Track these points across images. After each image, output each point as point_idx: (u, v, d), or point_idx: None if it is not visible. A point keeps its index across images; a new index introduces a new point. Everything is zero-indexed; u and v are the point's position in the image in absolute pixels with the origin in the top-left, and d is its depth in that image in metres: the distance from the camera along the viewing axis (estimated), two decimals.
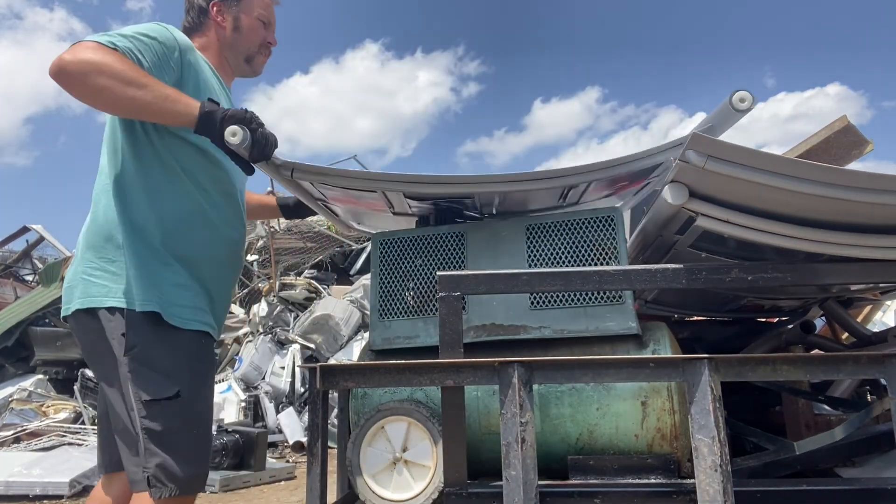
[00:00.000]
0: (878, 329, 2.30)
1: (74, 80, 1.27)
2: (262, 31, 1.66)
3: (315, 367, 1.40)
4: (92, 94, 1.30)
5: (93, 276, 1.40)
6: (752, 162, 1.21)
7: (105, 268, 1.40)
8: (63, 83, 1.28)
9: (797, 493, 1.28)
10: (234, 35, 1.63)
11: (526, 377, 1.25)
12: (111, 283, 1.38)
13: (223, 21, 1.62)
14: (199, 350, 1.42)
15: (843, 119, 2.48)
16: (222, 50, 1.63)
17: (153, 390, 1.32)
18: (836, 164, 2.58)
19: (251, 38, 1.65)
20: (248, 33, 1.64)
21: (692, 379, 1.20)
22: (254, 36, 1.65)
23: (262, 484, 3.90)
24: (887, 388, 1.20)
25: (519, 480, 1.20)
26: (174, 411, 1.33)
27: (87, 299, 1.39)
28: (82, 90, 1.29)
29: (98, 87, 1.27)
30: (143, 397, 1.31)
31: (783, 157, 1.30)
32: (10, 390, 5.54)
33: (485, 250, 1.62)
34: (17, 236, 8.99)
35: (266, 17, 1.67)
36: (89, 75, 1.26)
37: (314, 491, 1.37)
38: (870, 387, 2.06)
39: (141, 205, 1.42)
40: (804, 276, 1.36)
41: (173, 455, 1.31)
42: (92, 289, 1.39)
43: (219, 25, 1.62)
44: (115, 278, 1.38)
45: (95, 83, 1.27)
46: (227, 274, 1.56)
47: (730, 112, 1.57)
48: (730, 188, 1.24)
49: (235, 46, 1.64)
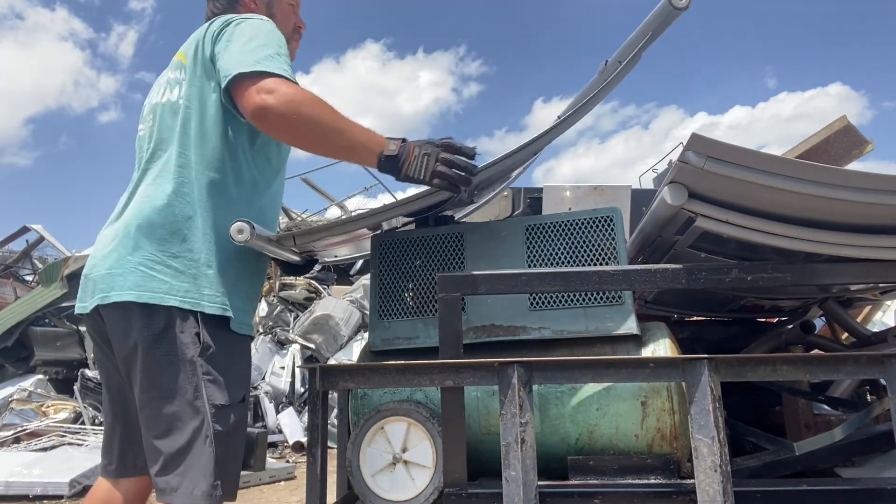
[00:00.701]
0: (878, 329, 2.30)
1: (279, 126, 1.31)
2: (293, 16, 1.64)
3: (315, 368, 1.41)
4: (294, 138, 1.36)
5: (153, 270, 1.32)
6: (751, 162, 1.21)
7: (168, 263, 1.33)
8: (266, 127, 1.33)
9: (797, 493, 1.28)
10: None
11: (526, 377, 1.25)
12: (174, 280, 1.32)
13: (255, 7, 1.57)
14: (249, 355, 1.42)
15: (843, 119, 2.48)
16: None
17: (226, 395, 1.30)
18: (836, 163, 2.59)
19: (286, 23, 1.60)
20: (282, 18, 1.60)
21: (692, 379, 1.20)
22: (287, 21, 1.61)
23: (262, 484, 3.90)
24: (887, 388, 1.20)
25: (519, 480, 1.20)
26: (239, 416, 1.32)
27: (145, 293, 1.30)
28: (284, 135, 1.36)
29: (301, 134, 1.32)
30: (217, 402, 1.28)
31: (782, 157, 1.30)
32: (10, 390, 5.54)
33: (484, 251, 1.62)
34: (17, 236, 8.99)
35: (295, 1, 1.65)
36: (292, 122, 1.29)
37: (314, 491, 1.37)
38: (870, 387, 2.06)
39: (226, 209, 1.38)
40: (804, 276, 1.36)
41: (230, 460, 1.30)
42: (152, 283, 1.31)
43: (250, 10, 1.56)
44: (177, 276, 1.32)
45: (298, 129, 1.31)
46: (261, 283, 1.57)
47: (670, 11, 1.63)
48: (729, 188, 1.24)
49: None
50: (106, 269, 1.35)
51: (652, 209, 1.56)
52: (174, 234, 1.34)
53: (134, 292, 1.31)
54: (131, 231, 1.35)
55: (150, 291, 1.30)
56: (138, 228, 1.35)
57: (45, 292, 6.23)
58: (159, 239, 1.34)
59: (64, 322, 6.62)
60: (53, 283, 6.19)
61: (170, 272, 1.32)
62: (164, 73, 1.55)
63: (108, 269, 1.35)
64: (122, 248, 1.35)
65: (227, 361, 1.33)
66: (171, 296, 1.30)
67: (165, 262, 1.33)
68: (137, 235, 1.34)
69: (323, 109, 1.31)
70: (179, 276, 1.32)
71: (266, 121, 1.29)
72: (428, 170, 1.33)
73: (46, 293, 6.20)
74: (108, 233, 1.41)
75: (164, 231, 1.34)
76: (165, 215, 1.35)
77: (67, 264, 6.23)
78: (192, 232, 1.35)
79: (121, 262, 1.33)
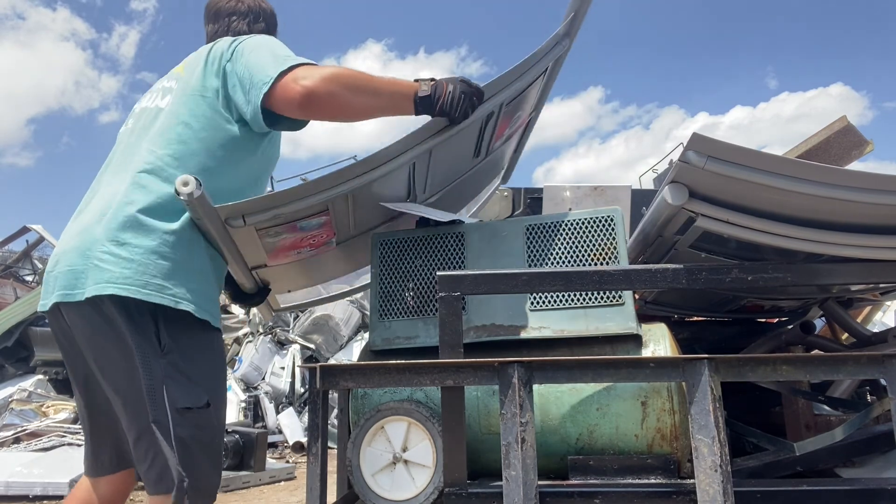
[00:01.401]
0: (878, 329, 2.30)
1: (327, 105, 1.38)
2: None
3: (315, 368, 1.40)
4: (342, 112, 1.42)
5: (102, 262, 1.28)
6: (752, 162, 1.21)
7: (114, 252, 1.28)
8: (316, 110, 1.39)
9: (797, 494, 1.28)
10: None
11: (526, 377, 1.25)
12: (116, 268, 1.27)
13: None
14: (220, 348, 1.41)
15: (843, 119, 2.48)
16: None
17: (188, 399, 1.28)
18: (836, 164, 2.59)
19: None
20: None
21: (692, 379, 1.20)
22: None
23: (262, 484, 3.89)
24: (887, 388, 1.20)
25: (519, 480, 1.20)
26: (205, 420, 1.30)
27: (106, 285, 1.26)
28: (334, 111, 1.41)
29: (348, 106, 1.40)
30: (178, 405, 1.26)
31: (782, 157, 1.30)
32: (10, 390, 5.54)
33: (484, 250, 1.62)
34: (16, 236, 8.98)
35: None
36: (337, 97, 1.37)
37: (314, 491, 1.37)
38: (870, 387, 2.06)
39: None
40: (804, 276, 1.36)
41: (203, 463, 1.30)
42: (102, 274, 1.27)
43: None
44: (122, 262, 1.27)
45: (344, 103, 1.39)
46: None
47: None
48: (729, 188, 1.24)
49: None
50: (66, 265, 1.33)
51: (652, 209, 1.56)
52: (126, 225, 1.30)
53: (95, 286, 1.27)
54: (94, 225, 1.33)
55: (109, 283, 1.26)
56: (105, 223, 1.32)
57: None
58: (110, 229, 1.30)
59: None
60: None
61: (114, 260, 1.27)
62: (159, 80, 1.59)
63: (68, 265, 1.32)
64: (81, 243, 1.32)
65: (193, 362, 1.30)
66: (112, 284, 1.26)
67: (112, 252, 1.28)
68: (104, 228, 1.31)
69: (355, 76, 1.40)
70: (123, 262, 1.27)
71: (315, 104, 1.36)
72: (462, 106, 1.45)
73: None
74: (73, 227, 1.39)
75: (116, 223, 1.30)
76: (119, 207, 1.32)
77: None
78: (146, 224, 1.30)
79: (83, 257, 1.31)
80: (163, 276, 1.29)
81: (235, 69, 1.42)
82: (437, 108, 1.44)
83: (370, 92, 1.42)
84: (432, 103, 1.44)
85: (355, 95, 1.40)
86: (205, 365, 1.34)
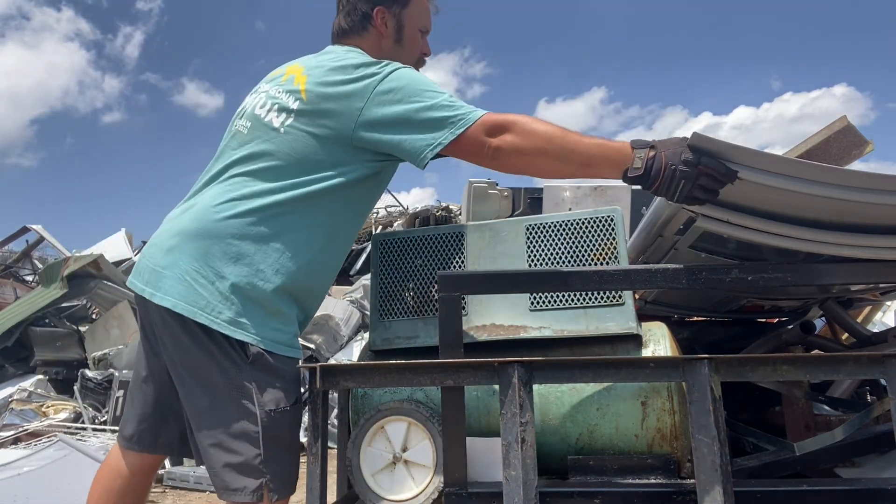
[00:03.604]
0: (878, 329, 2.30)
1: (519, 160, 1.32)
2: (420, 42, 1.59)
3: (315, 367, 1.40)
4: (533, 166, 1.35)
5: (196, 283, 1.31)
6: (751, 161, 1.21)
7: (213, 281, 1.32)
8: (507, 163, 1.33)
9: (797, 494, 1.28)
10: (395, 46, 1.55)
11: (526, 377, 1.25)
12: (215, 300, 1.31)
13: (386, 30, 1.53)
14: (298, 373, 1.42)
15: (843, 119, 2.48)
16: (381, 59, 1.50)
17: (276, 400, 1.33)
18: (836, 164, 2.59)
19: (412, 50, 1.58)
20: (409, 45, 1.57)
21: (692, 379, 1.20)
22: (413, 48, 1.58)
23: None
24: (887, 388, 1.20)
25: (519, 480, 1.20)
26: (293, 420, 1.36)
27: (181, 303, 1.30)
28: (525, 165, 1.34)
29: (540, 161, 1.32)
30: (268, 407, 1.31)
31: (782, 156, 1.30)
32: (10, 390, 5.54)
33: (485, 250, 1.62)
34: (17, 236, 8.99)
35: (426, 27, 1.60)
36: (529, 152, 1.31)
37: (314, 491, 1.37)
38: (870, 387, 2.06)
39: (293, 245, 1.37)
40: (804, 276, 1.36)
41: (286, 460, 1.35)
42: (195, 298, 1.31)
43: (381, 34, 1.53)
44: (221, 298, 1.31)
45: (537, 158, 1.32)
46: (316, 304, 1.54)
47: None
48: (728, 188, 1.24)
49: (396, 59, 1.49)
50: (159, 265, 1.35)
51: (652, 209, 1.56)
52: (226, 253, 1.32)
53: (179, 303, 1.31)
54: (190, 236, 1.34)
55: (190, 305, 1.30)
56: (201, 240, 1.33)
57: (45, 292, 6.22)
58: (210, 253, 1.32)
59: (64, 322, 6.62)
60: (53, 283, 6.19)
61: (214, 293, 1.31)
62: (273, 79, 1.50)
63: (161, 266, 1.35)
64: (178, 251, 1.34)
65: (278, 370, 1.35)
66: (207, 315, 1.29)
67: (211, 280, 1.31)
68: (198, 245, 1.33)
69: (565, 140, 1.30)
70: (219, 297, 1.31)
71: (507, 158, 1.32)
72: (682, 193, 1.22)
73: (46, 293, 6.19)
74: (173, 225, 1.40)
75: (215, 246, 1.32)
76: (223, 228, 1.33)
77: (67, 264, 6.23)
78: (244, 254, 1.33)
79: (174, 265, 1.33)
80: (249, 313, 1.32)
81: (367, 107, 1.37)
82: (652, 189, 1.25)
83: (576, 161, 1.30)
84: (647, 183, 1.25)
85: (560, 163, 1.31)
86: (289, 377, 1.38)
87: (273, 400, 1.33)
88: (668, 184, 1.22)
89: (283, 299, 1.37)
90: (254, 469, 1.30)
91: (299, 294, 1.41)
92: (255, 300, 1.33)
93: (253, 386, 1.31)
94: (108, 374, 5.40)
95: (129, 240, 9.12)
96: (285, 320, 1.38)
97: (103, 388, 5.32)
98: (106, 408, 5.15)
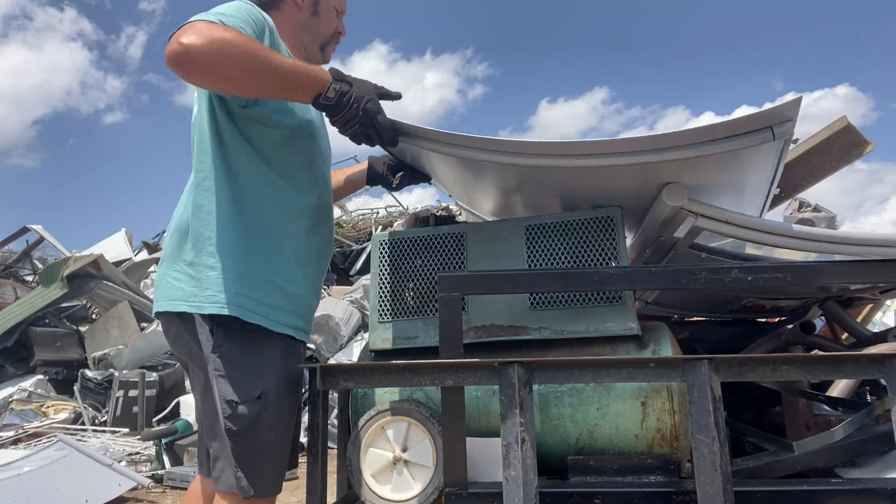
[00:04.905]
0: (878, 329, 2.30)
1: (203, 66, 1.19)
2: (336, 20, 1.64)
3: (315, 367, 1.41)
4: (221, 77, 1.23)
5: (173, 279, 1.40)
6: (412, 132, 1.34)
7: (184, 270, 1.39)
8: (188, 70, 1.20)
9: (797, 493, 1.28)
10: (312, 19, 1.58)
11: (526, 377, 1.25)
12: (188, 285, 1.38)
13: (302, 3, 1.57)
14: (286, 353, 1.42)
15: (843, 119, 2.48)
16: (298, 32, 1.57)
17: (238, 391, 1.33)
18: (837, 163, 2.59)
19: (327, 26, 1.62)
20: (325, 20, 1.60)
21: (692, 379, 1.20)
22: (329, 24, 1.62)
23: None
24: (887, 388, 1.20)
25: (519, 480, 1.20)
26: (257, 413, 1.34)
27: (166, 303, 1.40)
28: (211, 75, 1.23)
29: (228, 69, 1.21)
30: (228, 397, 1.32)
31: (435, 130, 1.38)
32: (10, 390, 5.54)
33: (485, 250, 1.62)
34: (17, 236, 9.00)
35: (341, 7, 1.64)
36: (217, 58, 1.18)
37: (314, 491, 1.37)
38: (870, 387, 2.06)
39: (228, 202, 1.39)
40: (804, 276, 1.36)
41: (254, 457, 1.34)
42: (171, 291, 1.40)
43: (296, 6, 1.56)
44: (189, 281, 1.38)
45: (225, 66, 1.20)
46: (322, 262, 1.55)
47: None
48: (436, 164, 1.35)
49: (313, 31, 1.59)
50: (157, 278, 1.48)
51: (652, 209, 1.56)
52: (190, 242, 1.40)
53: (159, 303, 1.43)
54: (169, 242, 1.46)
55: (170, 300, 1.40)
56: (169, 239, 1.45)
57: (45, 292, 6.22)
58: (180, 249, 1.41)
59: (64, 322, 6.62)
60: (53, 283, 6.19)
61: (185, 278, 1.39)
62: None
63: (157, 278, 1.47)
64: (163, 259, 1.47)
65: (244, 358, 1.35)
66: (184, 302, 1.37)
67: (182, 270, 1.40)
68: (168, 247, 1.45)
69: (253, 46, 1.23)
70: (190, 280, 1.38)
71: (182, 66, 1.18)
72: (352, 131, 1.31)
73: (46, 293, 6.20)
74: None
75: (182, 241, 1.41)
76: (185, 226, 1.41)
77: (67, 265, 6.23)
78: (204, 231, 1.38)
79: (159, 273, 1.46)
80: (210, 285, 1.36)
81: None
82: (333, 119, 1.30)
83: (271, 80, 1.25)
84: (332, 113, 1.30)
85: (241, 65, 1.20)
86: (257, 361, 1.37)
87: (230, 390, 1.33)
88: (347, 120, 1.29)
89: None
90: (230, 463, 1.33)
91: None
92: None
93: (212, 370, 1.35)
94: (108, 374, 5.41)
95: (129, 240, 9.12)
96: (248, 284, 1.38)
97: (103, 389, 5.32)
98: (106, 408, 5.15)
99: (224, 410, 1.32)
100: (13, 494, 3.19)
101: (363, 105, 1.29)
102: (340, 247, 8.64)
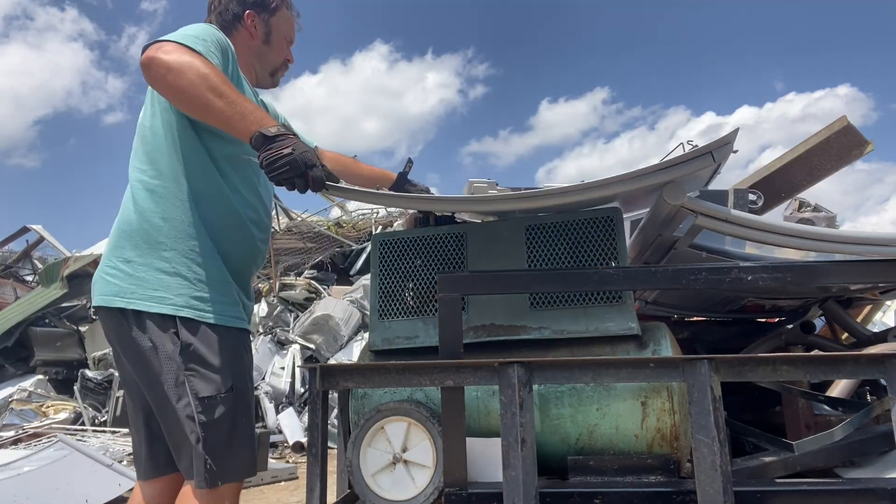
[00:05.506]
0: (878, 329, 2.30)
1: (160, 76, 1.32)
2: (285, 49, 1.73)
3: (315, 368, 1.41)
4: (174, 91, 1.33)
5: (108, 276, 1.44)
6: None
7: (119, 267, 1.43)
8: (149, 78, 1.35)
9: (797, 493, 1.28)
10: (264, 46, 1.67)
11: (526, 377, 1.25)
12: (122, 282, 1.42)
13: (255, 32, 1.65)
14: (242, 345, 1.47)
15: (843, 119, 2.48)
16: (250, 57, 1.66)
17: (210, 387, 1.37)
18: (837, 163, 2.59)
19: (277, 54, 1.70)
20: (276, 47, 1.69)
21: (692, 379, 1.20)
22: (279, 52, 1.71)
23: (263, 484, 3.90)
24: (887, 388, 1.20)
25: (519, 480, 1.20)
26: (229, 405, 1.38)
27: (99, 297, 1.44)
28: (165, 86, 1.34)
29: (181, 87, 1.31)
30: (201, 394, 1.36)
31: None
32: (10, 390, 5.54)
33: (485, 251, 1.62)
34: (17, 236, 9.00)
35: (291, 38, 1.74)
36: (173, 73, 1.30)
37: (314, 491, 1.37)
38: (870, 387, 2.06)
39: (182, 204, 1.43)
40: (804, 276, 1.36)
41: (229, 446, 1.38)
42: (106, 287, 1.43)
43: (250, 34, 1.65)
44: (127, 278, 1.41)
45: (179, 83, 1.31)
46: (251, 271, 1.62)
47: None
48: None
49: (264, 58, 1.68)
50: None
51: (652, 209, 1.56)
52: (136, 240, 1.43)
53: (97, 297, 1.45)
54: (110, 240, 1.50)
55: (104, 295, 1.43)
56: (111, 237, 1.50)
57: (45, 292, 6.23)
58: (117, 246, 1.45)
59: (64, 322, 6.62)
60: (53, 283, 6.20)
61: (120, 275, 1.42)
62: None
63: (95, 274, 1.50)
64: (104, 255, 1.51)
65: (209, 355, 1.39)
66: (119, 297, 1.40)
67: (117, 267, 1.43)
68: (110, 243, 1.49)
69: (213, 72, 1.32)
70: (128, 278, 1.41)
71: (146, 72, 1.33)
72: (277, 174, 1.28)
73: (46, 293, 6.20)
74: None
75: (121, 238, 1.45)
76: (127, 224, 1.45)
77: (67, 264, 6.23)
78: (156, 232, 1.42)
79: (98, 270, 1.49)
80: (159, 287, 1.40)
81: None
82: (261, 152, 1.29)
83: (216, 91, 1.30)
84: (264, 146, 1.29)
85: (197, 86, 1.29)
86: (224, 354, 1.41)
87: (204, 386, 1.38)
88: (275, 159, 1.26)
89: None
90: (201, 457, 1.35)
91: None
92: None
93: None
94: (108, 374, 5.41)
95: None
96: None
97: (103, 388, 5.33)
98: (106, 408, 5.16)
99: (198, 406, 1.36)
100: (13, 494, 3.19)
101: (300, 152, 1.28)
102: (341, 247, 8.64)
